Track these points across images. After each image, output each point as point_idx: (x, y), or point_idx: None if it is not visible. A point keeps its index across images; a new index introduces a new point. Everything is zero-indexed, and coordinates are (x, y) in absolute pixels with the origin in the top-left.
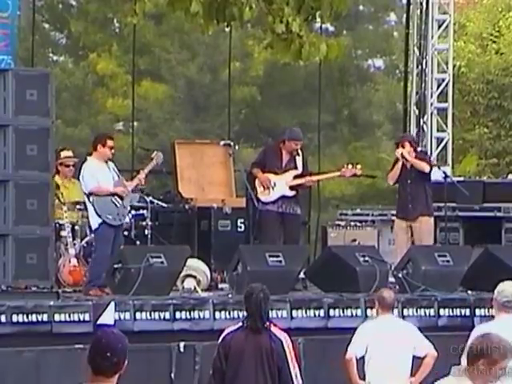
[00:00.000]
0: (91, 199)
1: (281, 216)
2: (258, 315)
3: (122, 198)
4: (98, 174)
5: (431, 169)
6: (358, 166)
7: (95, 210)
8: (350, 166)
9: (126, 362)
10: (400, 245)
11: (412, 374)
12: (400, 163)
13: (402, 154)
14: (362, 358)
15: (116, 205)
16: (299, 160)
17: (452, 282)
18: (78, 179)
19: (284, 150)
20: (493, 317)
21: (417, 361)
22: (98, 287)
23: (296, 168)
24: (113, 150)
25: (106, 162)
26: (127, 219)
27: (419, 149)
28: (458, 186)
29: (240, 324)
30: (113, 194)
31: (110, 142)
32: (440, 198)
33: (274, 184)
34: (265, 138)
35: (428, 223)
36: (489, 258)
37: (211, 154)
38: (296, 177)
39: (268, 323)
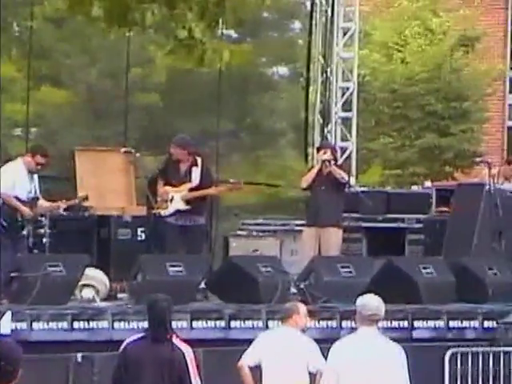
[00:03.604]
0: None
1: (180, 228)
2: (162, 325)
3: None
4: (20, 180)
5: (348, 182)
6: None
7: None
8: (231, 180)
9: (20, 371)
10: (308, 254)
11: None
12: (317, 168)
13: (323, 158)
14: (260, 367)
15: (17, 219)
16: (196, 171)
17: (354, 294)
18: None
19: (180, 161)
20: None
21: None
22: None
23: (191, 181)
24: (39, 167)
25: (30, 173)
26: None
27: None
28: (361, 196)
29: (142, 334)
30: (16, 210)
31: (39, 159)
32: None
33: (172, 197)
34: (166, 145)
35: (337, 235)
36: (391, 270)
37: (112, 161)
38: (191, 189)
39: (171, 334)
